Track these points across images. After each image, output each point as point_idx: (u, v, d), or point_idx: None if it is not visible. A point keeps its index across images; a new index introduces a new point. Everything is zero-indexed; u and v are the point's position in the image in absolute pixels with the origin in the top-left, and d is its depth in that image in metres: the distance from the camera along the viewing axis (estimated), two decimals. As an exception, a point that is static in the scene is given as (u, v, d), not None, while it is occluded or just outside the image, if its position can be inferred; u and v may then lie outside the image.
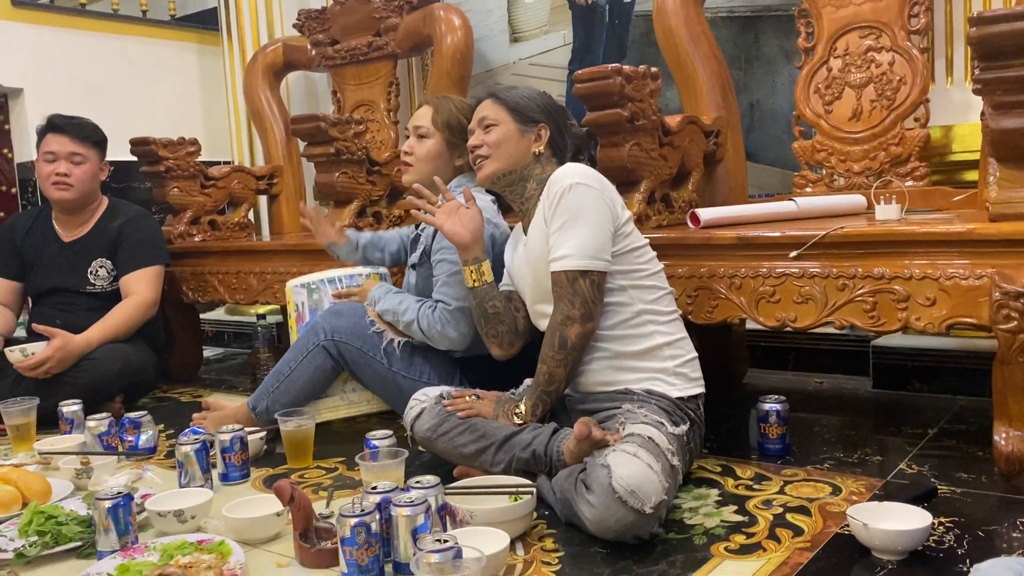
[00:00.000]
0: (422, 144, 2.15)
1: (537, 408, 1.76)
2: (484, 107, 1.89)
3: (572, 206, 1.68)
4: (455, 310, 2.00)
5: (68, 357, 2.52)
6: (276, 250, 2.86)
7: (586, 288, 1.67)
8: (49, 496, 1.85)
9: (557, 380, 1.73)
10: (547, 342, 1.72)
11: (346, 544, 1.38)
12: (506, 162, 1.84)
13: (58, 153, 2.75)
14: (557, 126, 1.88)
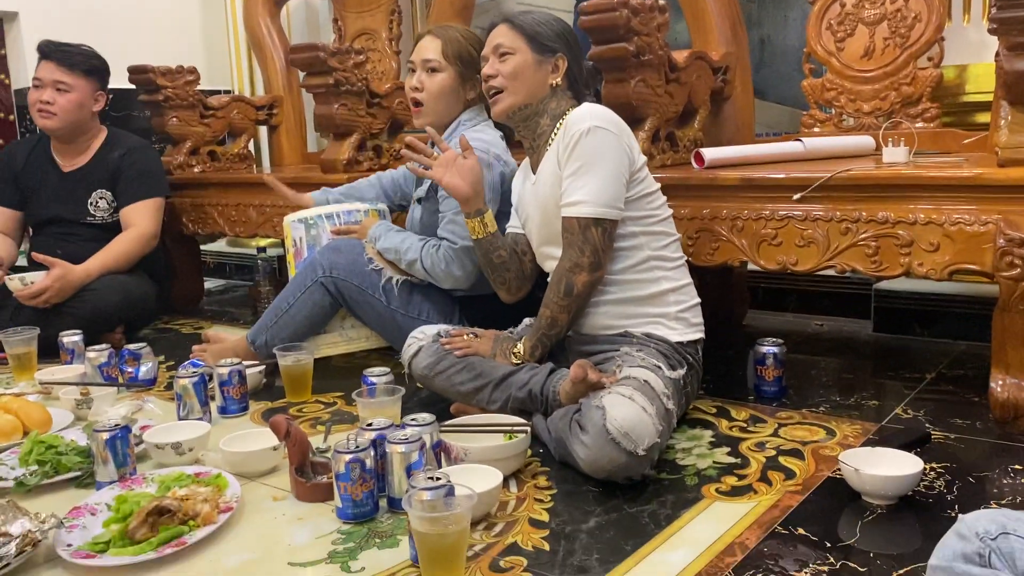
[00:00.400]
0: (433, 79, 2.07)
1: (536, 350, 1.75)
2: (499, 33, 1.79)
3: (589, 150, 1.63)
4: (461, 248, 1.98)
5: (67, 287, 2.52)
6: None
7: (597, 237, 1.64)
8: (49, 426, 1.87)
9: (559, 325, 1.72)
10: (552, 287, 1.70)
11: (341, 479, 1.39)
12: (523, 95, 1.76)
13: (44, 80, 2.70)
14: (574, 56, 1.80)
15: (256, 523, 1.43)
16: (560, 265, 1.69)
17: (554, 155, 1.72)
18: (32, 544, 1.27)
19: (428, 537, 1.17)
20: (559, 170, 1.69)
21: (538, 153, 1.81)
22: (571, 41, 1.80)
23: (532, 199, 1.82)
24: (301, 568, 1.27)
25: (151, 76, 2.97)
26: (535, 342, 1.75)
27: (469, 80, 2.08)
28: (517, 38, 1.76)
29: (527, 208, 1.85)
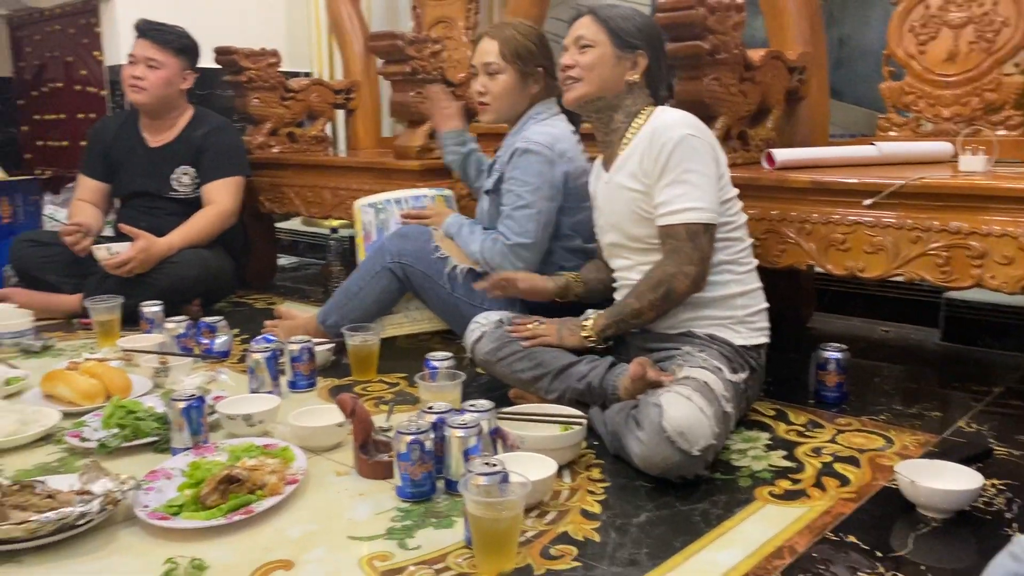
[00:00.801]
0: (495, 81, 2.11)
1: (608, 329, 1.76)
2: (582, 24, 1.78)
3: (686, 158, 1.64)
4: (514, 245, 2.02)
5: (150, 258, 2.64)
6: (351, 166, 2.91)
7: (706, 242, 1.65)
8: (130, 391, 1.97)
9: (643, 319, 1.73)
10: (649, 285, 1.69)
11: (401, 459, 1.45)
12: (597, 87, 1.76)
13: (137, 56, 2.82)
14: (656, 54, 1.79)
15: (319, 496, 1.49)
16: (663, 268, 1.68)
17: (634, 158, 1.73)
18: (113, 503, 1.35)
19: (482, 521, 1.21)
20: (640, 174, 1.70)
21: (611, 149, 1.82)
22: (654, 39, 1.78)
23: (604, 196, 1.83)
24: (360, 542, 1.33)
25: (235, 58, 3.06)
26: (610, 322, 1.75)
27: (531, 75, 2.11)
28: (600, 31, 1.75)
29: (598, 203, 1.87)
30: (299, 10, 4.00)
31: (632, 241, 1.78)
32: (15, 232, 3.06)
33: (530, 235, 2.02)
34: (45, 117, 4.03)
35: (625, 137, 1.77)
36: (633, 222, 1.75)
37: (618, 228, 1.80)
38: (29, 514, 1.30)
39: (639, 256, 1.78)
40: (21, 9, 3.95)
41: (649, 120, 1.74)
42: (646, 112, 1.77)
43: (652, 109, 1.78)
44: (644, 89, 1.79)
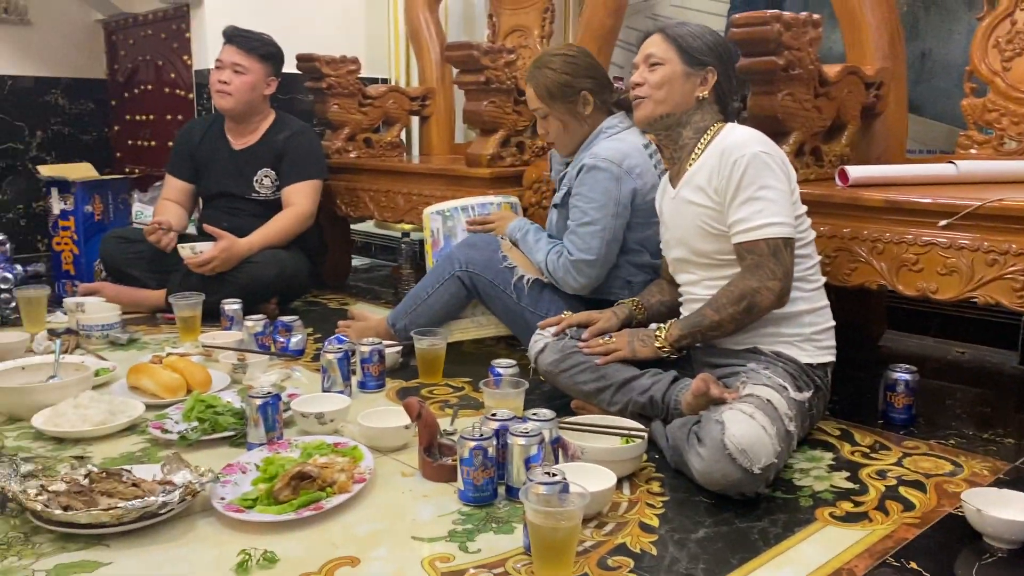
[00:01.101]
0: (548, 122, 2.17)
1: (683, 340, 1.76)
2: (652, 43, 1.79)
3: (760, 175, 1.65)
4: (577, 261, 2.05)
5: (232, 258, 2.74)
6: (423, 173, 2.97)
7: (788, 257, 1.65)
8: (209, 386, 2.06)
9: (721, 332, 1.72)
10: (731, 299, 1.68)
11: (464, 464, 1.49)
12: (666, 105, 1.77)
13: (224, 62, 2.93)
14: (726, 70, 1.79)
15: (385, 496, 1.54)
16: (746, 283, 1.66)
17: (702, 173, 1.73)
18: (192, 494, 1.42)
19: (541, 529, 1.24)
20: (710, 191, 1.71)
21: (679, 165, 1.82)
22: (724, 55, 1.79)
23: (670, 212, 1.85)
24: (423, 543, 1.37)
25: (317, 64, 3.16)
26: (687, 333, 1.75)
27: (576, 103, 2.13)
28: (669, 49, 1.77)
29: (666, 219, 1.88)
30: (379, 18, 4.09)
31: (698, 256, 1.78)
32: (105, 229, 3.22)
33: (593, 252, 2.04)
34: (136, 118, 4.21)
35: (693, 153, 1.78)
36: (700, 237, 1.76)
37: (684, 243, 1.81)
38: (116, 501, 1.38)
39: (705, 271, 1.79)
40: (116, 14, 4.14)
41: (718, 137, 1.75)
42: (715, 128, 1.78)
43: (721, 126, 1.78)
44: (713, 105, 1.79)
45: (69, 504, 1.37)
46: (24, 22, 4.13)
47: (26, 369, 2.06)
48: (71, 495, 1.40)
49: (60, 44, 4.24)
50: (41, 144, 4.20)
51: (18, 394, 1.90)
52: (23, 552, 1.32)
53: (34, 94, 4.16)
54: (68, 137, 4.29)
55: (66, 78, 4.26)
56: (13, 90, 4.09)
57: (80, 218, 3.23)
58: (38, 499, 1.37)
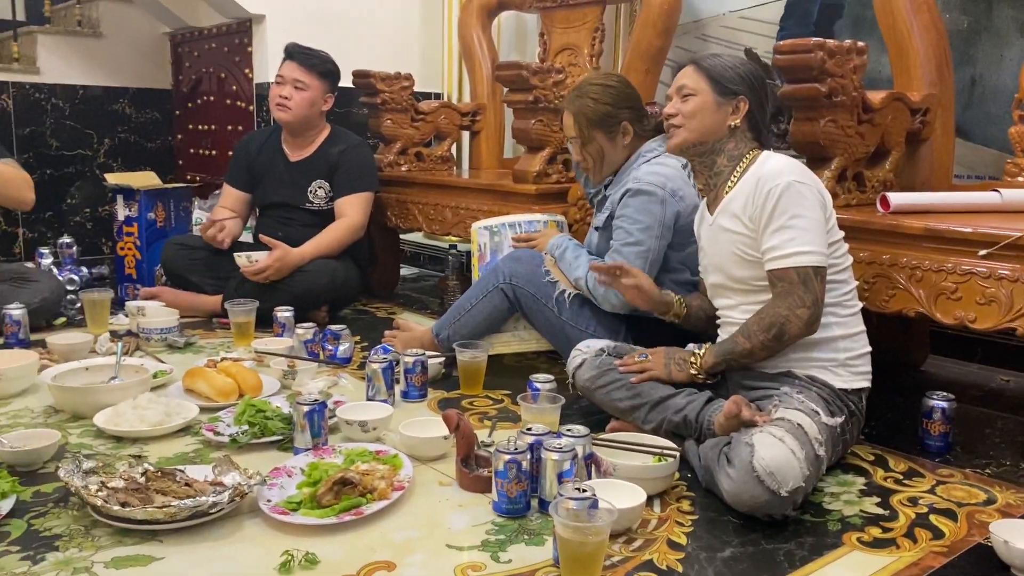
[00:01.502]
0: (586, 149, 2.23)
1: (717, 367, 1.79)
2: (684, 74, 1.84)
3: (792, 204, 1.68)
4: None
5: (285, 267, 2.84)
6: (471, 188, 3.04)
7: (818, 285, 1.67)
8: (260, 391, 2.15)
9: (753, 359, 1.75)
10: (761, 327, 1.71)
11: (499, 476, 1.54)
12: (699, 134, 1.81)
13: (285, 77, 3.04)
14: (758, 99, 1.82)
15: (422, 504, 1.60)
16: (775, 310, 1.69)
17: (737, 201, 1.77)
18: (240, 495, 1.50)
19: (569, 543, 1.29)
20: (744, 219, 1.74)
21: (715, 192, 1.86)
22: (756, 84, 1.82)
23: (707, 238, 1.88)
24: (457, 551, 1.43)
25: (372, 81, 3.26)
26: (719, 360, 1.78)
27: (615, 132, 2.19)
28: (700, 80, 1.81)
29: (704, 245, 1.91)
30: (433, 35, 4.19)
31: (735, 282, 1.82)
32: (167, 235, 3.36)
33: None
34: (198, 127, 4.37)
35: (729, 181, 1.81)
36: (735, 264, 1.79)
37: (721, 270, 1.84)
38: (169, 499, 1.47)
39: (741, 296, 1.82)
40: (183, 28, 4.31)
41: (753, 165, 1.78)
42: (750, 156, 1.81)
43: (756, 153, 1.81)
44: (747, 133, 1.83)
45: (127, 501, 1.46)
46: (96, 35, 4.33)
47: (90, 370, 2.17)
48: (128, 492, 1.49)
49: (129, 55, 4.42)
50: (108, 151, 4.38)
51: (82, 394, 2.01)
52: (84, 544, 1.41)
53: (103, 103, 4.35)
54: (134, 145, 4.47)
55: (133, 88, 4.44)
56: (84, 99, 4.28)
57: (143, 224, 3.37)
58: (98, 495, 1.46)
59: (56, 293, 2.83)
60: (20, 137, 4.10)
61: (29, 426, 1.93)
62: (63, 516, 1.51)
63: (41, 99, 4.15)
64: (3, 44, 4.39)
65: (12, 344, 2.51)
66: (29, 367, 2.17)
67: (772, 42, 3.05)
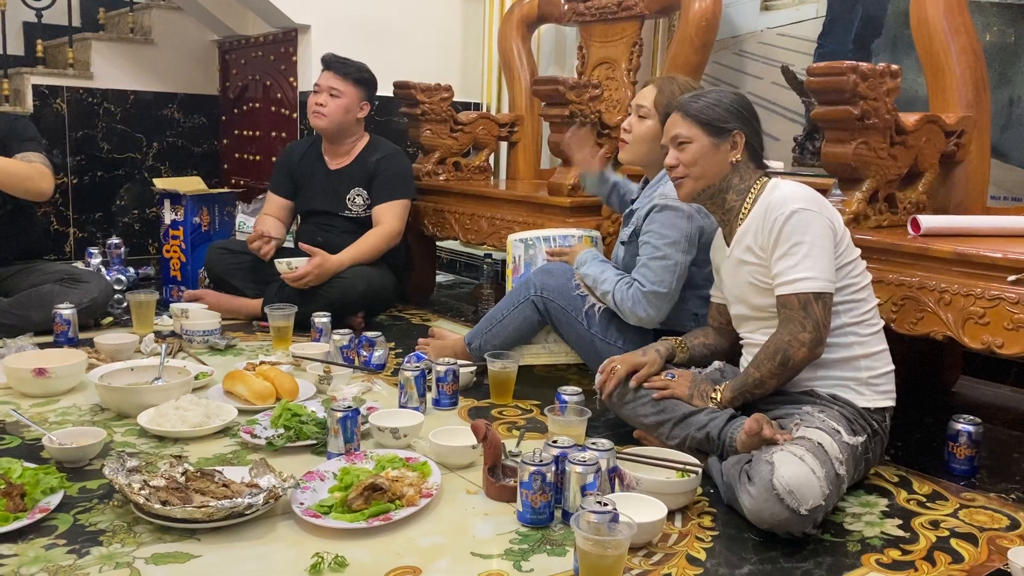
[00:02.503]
0: (641, 124, 2.24)
1: (736, 401, 1.82)
2: (675, 123, 1.86)
3: (797, 231, 1.71)
4: (649, 292, 2.12)
5: (324, 274, 2.92)
6: (507, 199, 3.09)
7: (819, 311, 1.70)
8: (296, 395, 2.21)
9: (766, 388, 1.78)
10: (767, 355, 1.74)
11: (524, 487, 1.58)
12: (704, 179, 1.84)
13: (321, 86, 3.12)
14: (752, 128, 1.84)
15: (449, 511, 1.65)
16: (778, 337, 1.73)
17: (750, 233, 1.80)
18: (275, 498, 1.56)
19: (589, 555, 1.33)
20: (756, 249, 1.78)
21: (730, 227, 1.88)
22: (746, 115, 1.84)
23: (727, 271, 1.91)
24: (481, 559, 1.47)
25: (412, 91, 3.33)
26: (736, 395, 1.81)
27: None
28: (692, 127, 1.83)
29: (723, 277, 1.94)
30: (474, 46, 4.25)
31: (756, 311, 1.85)
32: (211, 239, 3.46)
33: (665, 285, 2.11)
34: (243, 133, 4.48)
35: (741, 213, 1.84)
36: (754, 293, 1.82)
37: (742, 300, 1.87)
38: (207, 499, 1.53)
39: (764, 323, 1.84)
40: (231, 36, 4.42)
41: (762, 195, 1.81)
42: (758, 186, 1.83)
43: (764, 182, 1.83)
44: (749, 164, 1.85)
45: (167, 499, 1.52)
46: (148, 41, 4.46)
47: (135, 370, 2.25)
48: (169, 491, 1.56)
49: (178, 62, 4.55)
50: (157, 155, 4.51)
51: (127, 394, 2.10)
52: (126, 540, 1.48)
53: (153, 108, 4.48)
54: (181, 149, 4.59)
55: (182, 94, 4.57)
56: (135, 104, 4.41)
57: (188, 228, 3.47)
58: (140, 493, 1.53)
59: (104, 293, 2.93)
60: (73, 140, 4.24)
61: (76, 423, 2.01)
62: (107, 512, 1.58)
63: (94, 103, 4.29)
64: (59, 50, 4.54)
65: (62, 343, 2.62)
66: (78, 366, 2.26)
67: (809, 59, 3.06)
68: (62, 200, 4.24)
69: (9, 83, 4.20)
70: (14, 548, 1.44)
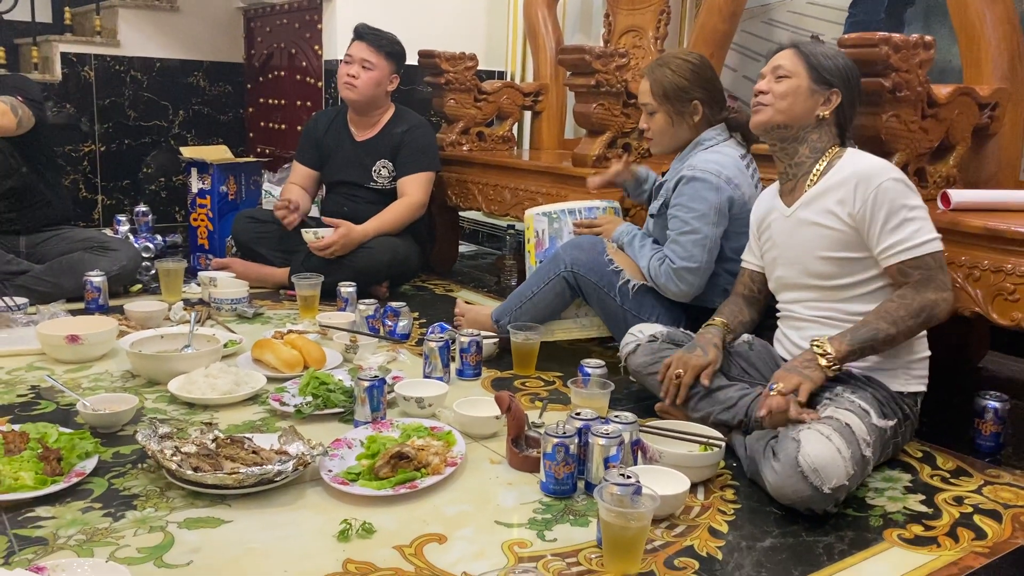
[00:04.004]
0: (653, 120, 2.24)
1: (853, 355, 1.70)
2: (783, 56, 1.82)
3: (907, 197, 1.70)
4: (680, 268, 2.11)
5: (349, 244, 2.94)
6: (531, 170, 3.08)
7: (947, 270, 1.71)
8: (324, 363, 2.24)
9: (893, 345, 1.72)
10: (909, 311, 1.68)
11: (547, 458, 1.60)
12: (786, 115, 1.79)
13: (354, 57, 3.11)
14: (851, 96, 1.81)
15: (474, 480, 1.68)
16: (923, 296, 1.68)
17: (830, 196, 1.75)
18: (304, 465, 1.59)
19: (612, 527, 1.35)
20: (843, 215, 1.73)
21: (795, 182, 1.85)
22: (851, 80, 1.80)
23: (782, 231, 1.86)
24: (505, 528, 1.49)
25: (437, 61, 3.31)
26: (856, 348, 1.69)
27: (686, 111, 2.20)
28: (799, 63, 1.79)
29: (775, 237, 1.89)
30: (499, 13, 4.22)
31: (811, 277, 1.81)
32: (238, 208, 3.49)
33: (696, 260, 2.11)
34: (268, 101, 4.49)
35: (812, 173, 1.81)
36: (817, 260, 1.79)
37: (798, 263, 1.83)
38: (238, 465, 1.57)
39: (813, 293, 1.82)
40: (256, 3, 4.41)
41: (841, 161, 1.78)
42: (832, 151, 1.80)
43: (839, 150, 1.81)
44: (832, 128, 1.81)
45: (198, 466, 1.56)
46: (173, 9, 4.46)
47: (165, 338, 2.29)
48: (200, 457, 1.59)
49: (204, 29, 4.56)
50: (183, 123, 4.54)
51: (157, 361, 2.13)
52: (159, 504, 1.52)
53: (179, 76, 4.50)
54: (207, 117, 4.61)
55: (208, 61, 4.58)
56: (160, 71, 4.43)
57: (216, 197, 3.50)
58: (173, 459, 1.57)
59: (134, 261, 2.97)
60: (100, 108, 4.27)
61: (109, 390, 2.05)
62: (140, 477, 1.62)
63: (120, 71, 4.31)
64: (86, 17, 4.56)
65: (93, 310, 2.66)
66: (109, 333, 2.30)
67: (840, 28, 3.01)
68: (90, 167, 4.28)
69: (39, 51, 4.23)
70: (52, 511, 1.48)
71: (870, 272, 1.76)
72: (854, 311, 1.76)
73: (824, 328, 1.79)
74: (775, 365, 1.91)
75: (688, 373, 1.85)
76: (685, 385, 1.85)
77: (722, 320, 1.96)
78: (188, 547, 1.39)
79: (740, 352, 1.93)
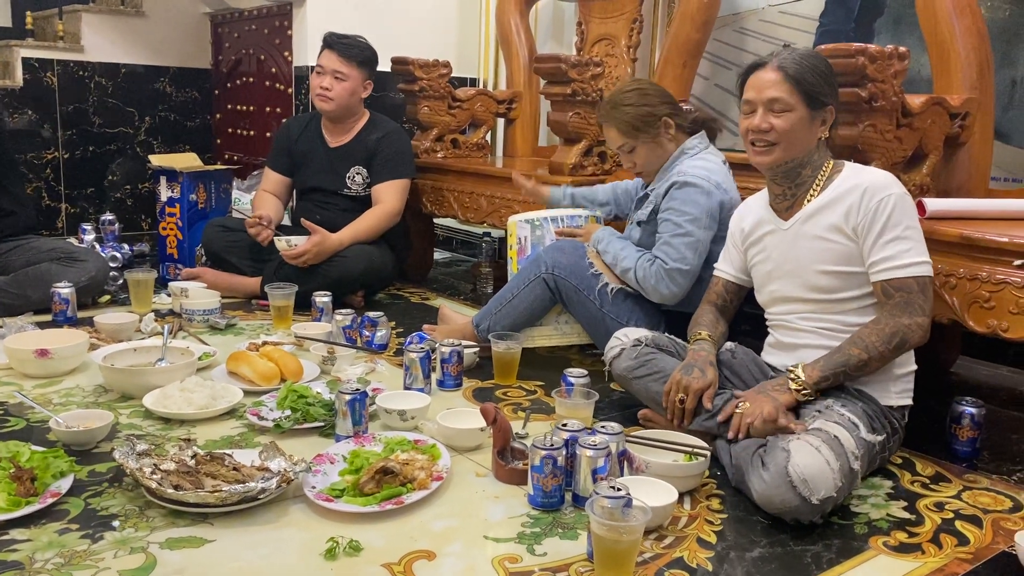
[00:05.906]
0: (636, 155, 2.28)
1: (825, 382, 1.71)
2: (775, 86, 1.73)
3: (906, 215, 1.70)
4: (672, 269, 2.12)
5: (323, 252, 2.91)
6: (507, 178, 3.06)
7: (931, 295, 1.70)
8: (301, 375, 2.21)
9: (866, 371, 1.72)
10: (881, 337, 1.68)
11: (535, 471, 1.59)
12: (795, 151, 1.76)
13: (325, 68, 3.08)
14: (838, 104, 1.80)
15: (460, 494, 1.66)
16: (896, 320, 1.67)
17: (833, 210, 1.74)
18: (287, 481, 1.56)
19: (604, 540, 1.34)
20: (845, 227, 1.73)
21: (793, 200, 1.83)
22: (835, 83, 1.78)
23: (779, 244, 1.85)
24: (494, 542, 1.48)
25: (411, 68, 3.30)
26: (828, 374, 1.70)
27: (658, 132, 2.23)
28: (794, 93, 1.72)
29: (769, 251, 1.88)
30: (471, 20, 4.21)
31: (811, 291, 1.80)
32: (208, 217, 3.43)
33: (688, 262, 2.12)
34: (237, 108, 4.43)
35: (812, 189, 1.80)
36: (819, 273, 1.78)
37: (796, 276, 1.82)
38: (219, 483, 1.53)
39: (808, 305, 1.82)
40: (223, 8, 4.36)
41: (846, 174, 1.77)
42: (829, 164, 1.80)
43: (832, 163, 1.81)
44: (825, 141, 1.81)
45: (179, 484, 1.52)
46: (139, 13, 4.38)
47: (138, 351, 2.24)
48: (180, 475, 1.55)
49: (170, 35, 4.48)
50: (149, 129, 4.45)
51: (131, 375, 2.09)
52: (139, 524, 1.48)
53: (144, 81, 4.41)
54: (174, 123, 4.53)
55: (174, 67, 4.50)
56: (125, 77, 4.34)
57: (185, 206, 3.44)
58: (152, 477, 1.53)
59: (102, 272, 2.91)
60: (64, 114, 4.18)
61: (80, 405, 2.00)
62: (118, 496, 1.58)
63: (84, 77, 4.23)
64: (48, 22, 4.47)
65: (61, 322, 2.60)
66: (80, 346, 2.25)
67: (811, 37, 3.05)
68: (53, 175, 4.18)
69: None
70: (27, 533, 1.43)
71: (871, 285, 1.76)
72: (853, 323, 1.77)
73: (823, 339, 1.80)
74: (759, 372, 1.92)
75: (690, 398, 1.82)
76: (689, 412, 1.83)
77: (707, 333, 1.95)
78: (171, 568, 1.35)
79: (723, 360, 1.93)
